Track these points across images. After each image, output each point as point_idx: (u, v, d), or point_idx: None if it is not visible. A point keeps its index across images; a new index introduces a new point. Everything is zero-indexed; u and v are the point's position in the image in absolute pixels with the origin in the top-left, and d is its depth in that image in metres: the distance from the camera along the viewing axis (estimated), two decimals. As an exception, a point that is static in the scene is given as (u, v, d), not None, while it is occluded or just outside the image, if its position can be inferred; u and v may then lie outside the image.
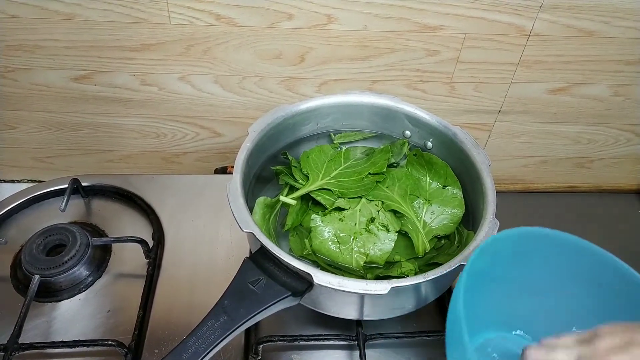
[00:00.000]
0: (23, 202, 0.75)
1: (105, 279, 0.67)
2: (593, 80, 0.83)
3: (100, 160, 0.94)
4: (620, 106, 0.87)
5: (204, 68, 0.80)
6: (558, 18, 0.74)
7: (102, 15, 0.73)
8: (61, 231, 0.67)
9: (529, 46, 0.78)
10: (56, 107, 0.85)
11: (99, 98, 0.84)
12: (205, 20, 0.74)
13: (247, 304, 0.49)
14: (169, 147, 0.92)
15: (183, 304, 0.64)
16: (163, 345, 0.60)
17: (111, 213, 0.75)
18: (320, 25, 0.74)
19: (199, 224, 0.74)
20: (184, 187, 0.78)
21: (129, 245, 0.69)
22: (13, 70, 0.79)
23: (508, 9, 0.73)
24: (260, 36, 0.76)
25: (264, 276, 0.51)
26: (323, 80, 0.82)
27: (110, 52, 0.77)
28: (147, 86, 0.82)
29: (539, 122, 0.90)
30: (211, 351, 0.47)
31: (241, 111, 0.86)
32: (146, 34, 0.75)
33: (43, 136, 0.89)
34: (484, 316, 0.53)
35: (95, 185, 0.77)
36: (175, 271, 0.68)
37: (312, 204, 0.66)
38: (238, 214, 0.53)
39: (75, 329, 0.62)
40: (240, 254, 0.69)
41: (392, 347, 0.62)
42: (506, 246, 0.50)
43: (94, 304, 0.65)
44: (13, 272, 0.67)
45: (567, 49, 0.79)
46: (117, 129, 0.89)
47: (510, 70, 0.81)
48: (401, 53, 0.78)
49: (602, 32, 0.76)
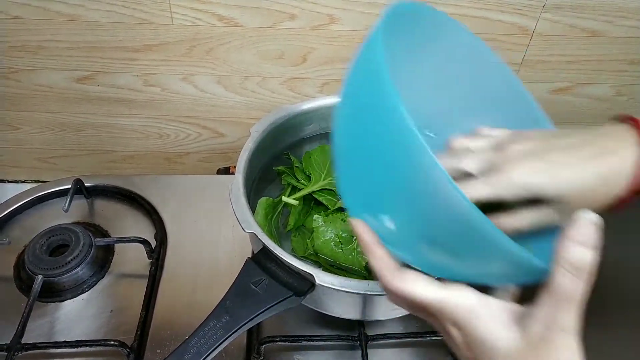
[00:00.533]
0: (26, 202, 0.75)
1: (108, 279, 0.68)
2: (596, 80, 0.83)
3: (103, 160, 0.94)
4: (623, 106, 0.87)
5: (207, 69, 0.80)
6: (561, 18, 0.74)
7: (104, 16, 0.73)
8: (64, 231, 0.68)
9: (532, 46, 0.78)
10: (59, 107, 0.85)
11: (102, 99, 0.84)
12: (208, 21, 0.74)
13: (249, 304, 0.49)
14: (171, 147, 0.92)
15: (185, 304, 0.64)
16: (165, 346, 0.60)
17: (114, 213, 0.76)
18: (322, 25, 0.74)
19: (201, 224, 0.74)
20: (186, 187, 0.78)
21: (132, 245, 0.69)
22: (16, 71, 0.80)
23: (511, 9, 0.73)
24: (262, 36, 0.76)
25: (266, 276, 0.50)
26: (325, 81, 0.82)
27: (113, 52, 0.77)
28: (150, 87, 0.82)
29: (542, 122, 0.90)
30: (213, 351, 0.47)
31: (243, 111, 0.86)
32: (149, 34, 0.75)
33: (46, 137, 0.90)
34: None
35: (98, 185, 0.77)
36: (177, 271, 0.68)
37: (314, 204, 0.65)
38: (240, 215, 0.53)
39: (78, 329, 0.62)
40: (242, 254, 0.69)
41: (395, 348, 0.62)
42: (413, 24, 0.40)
43: (96, 304, 0.65)
44: (16, 272, 0.67)
45: (570, 49, 0.78)
46: (120, 130, 0.89)
47: (513, 70, 0.81)
48: (403, 53, 0.78)
49: (606, 32, 0.76)
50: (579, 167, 0.35)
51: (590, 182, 0.35)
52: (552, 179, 0.35)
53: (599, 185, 0.35)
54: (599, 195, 0.36)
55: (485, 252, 0.29)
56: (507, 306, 0.31)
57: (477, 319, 0.31)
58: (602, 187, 0.35)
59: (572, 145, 0.36)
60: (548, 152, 0.36)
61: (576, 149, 0.36)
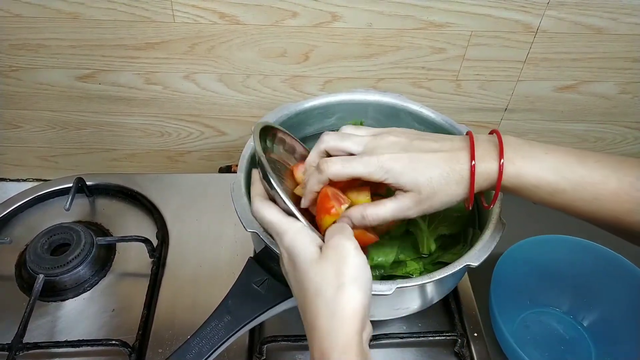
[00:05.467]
0: (28, 201, 0.75)
1: (109, 278, 0.67)
2: (601, 78, 0.82)
3: (105, 159, 0.94)
4: (628, 104, 0.86)
5: (208, 67, 0.79)
6: (565, 15, 0.74)
7: (106, 14, 0.73)
8: (66, 230, 0.67)
9: (536, 43, 0.77)
10: (60, 106, 0.85)
11: (103, 97, 0.83)
12: (210, 19, 0.73)
13: (251, 304, 0.49)
14: (173, 145, 0.92)
15: (187, 304, 0.64)
16: (167, 345, 0.60)
17: (115, 212, 0.75)
18: (324, 23, 0.74)
19: (203, 223, 0.73)
20: (188, 186, 0.78)
21: (133, 244, 0.69)
22: (17, 70, 0.79)
23: (515, 6, 0.72)
24: (264, 34, 0.75)
25: (269, 276, 0.50)
26: (327, 79, 0.82)
27: (114, 50, 0.77)
28: (152, 85, 0.82)
29: (546, 120, 0.89)
30: (215, 352, 0.47)
31: (245, 110, 0.86)
32: (150, 32, 0.75)
33: (47, 135, 0.89)
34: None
35: (99, 184, 0.77)
36: (179, 270, 0.68)
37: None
38: (242, 214, 0.53)
39: (79, 328, 0.62)
40: (244, 253, 0.69)
41: (397, 348, 0.62)
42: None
43: (98, 304, 0.65)
44: (18, 272, 0.67)
45: (574, 46, 0.78)
46: (122, 128, 0.89)
47: (517, 67, 0.81)
48: (406, 51, 0.78)
49: (610, 29, 0.75)
50: (431, 164, 0.44)
51: (437, 179, 0.44)
52: (409, 169, 0.44)
53: (443, 185, 0.44)
54: (445, 192, 0.44)
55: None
56: (318, 236, 0.43)
57: (295, 238, 0.42)
58: (445, 185, 0.44)
59: (432, 147, 0.45)
60: (413, 148, 0.45)
61: (434, 151, 0.45)
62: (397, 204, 0.45)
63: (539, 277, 0.71)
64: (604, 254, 0.68)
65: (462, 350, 0.61)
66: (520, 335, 0.69)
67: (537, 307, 0.72)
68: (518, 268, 0.67)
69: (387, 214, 0.45)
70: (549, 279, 0.71)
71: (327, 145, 0.48)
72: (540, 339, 0.69)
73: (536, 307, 0.72)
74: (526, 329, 0.70)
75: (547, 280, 0.71)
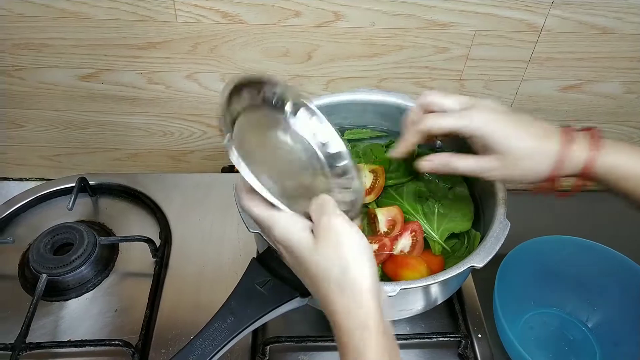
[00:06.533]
0: (30, 200, 0.75)
1: (112, 278, 0.67)
2: (605, 78, 0.82)
3: (108, 158, 0.94)
4: (633, 104, 0.86)
5: (211, 66, 0.79)
6: (570, 14, 0.73)
7: (108, 14, 0.73)
8: (68, 230, 0.67)
9: (541, 43, 0.77)
10: (63, 105, 0.85)
11: (106, 96, 0.83)
12: (212, 18, 0.73)
13: (254, 305, 0.49)
14: (176, 145, 0.92)
15: (190, 304, 0.64)
16: (170, 345, 0.60)
17: (118, 212, 0.75)
18: (327, 22, 0.74)
19: (206, 223, 0.73)
20: (191, 185, 0.78)
21: (136, 244, 0.69)
22: (20, 69, 0.79)
23: (519, 5, 0.72)
24: (266, 34, 0.75)
25: (271, 277, 0.50)
26: (330, 78, 0.81)
27: (117, 50, 0.77)
28: (154, 84, 0.82)
29: (550, 120, 0.87)
30: (218, 353, 0.47)
31: (248, 109, 0.85)
32: (153, 32, 0.75)
33: (50, 134, 0.89)
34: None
35: (102, 183, 0.77)
36: (182, 270, 0.68)
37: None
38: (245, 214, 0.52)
39: (82, 328, 0.62)
40: (247, 253, 0.69)
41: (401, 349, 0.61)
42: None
43: (101, 303, 0.65)
44: (21, 271, 0.67)
45: (579, 46, 0.77)
46: (124, 128, 0.89)
47: (521, 67, 0.80)
48: (410, 50, 0.77)
49: (615, 29, 0.75)
50: (524, 134, 0.47)
51: (526, 151, 0.47)
52: (503, 131, 0.47)
53: (529, 158, 0.47)
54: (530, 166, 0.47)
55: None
56: (306, 221, 0.43)
57: (285, 231, 0.42)
58: (531, 160, 0.47)
59: (528, 121, 0.49)
60: (509, 114, 0.49)
61: (530, 125, 0.48)
62: (482, 162, 0.48)
63: (543, 278, 0.70)
64: (608, 254, 0.67)
65: (466, 351, 0.61)
66: (524, 336, 0.69)
67: (542, 308, 0.72)
68: (522, 269, 0.67)
69: (468, 167, 0.49)
70: (553, 279, 0.71)
71: (426, 99, 0.52)
72: (544, 340, 0.69)
73: (540, 308, 0.71)
74: (530, 330, 0.70)
75: (551, 281, 0.71)
